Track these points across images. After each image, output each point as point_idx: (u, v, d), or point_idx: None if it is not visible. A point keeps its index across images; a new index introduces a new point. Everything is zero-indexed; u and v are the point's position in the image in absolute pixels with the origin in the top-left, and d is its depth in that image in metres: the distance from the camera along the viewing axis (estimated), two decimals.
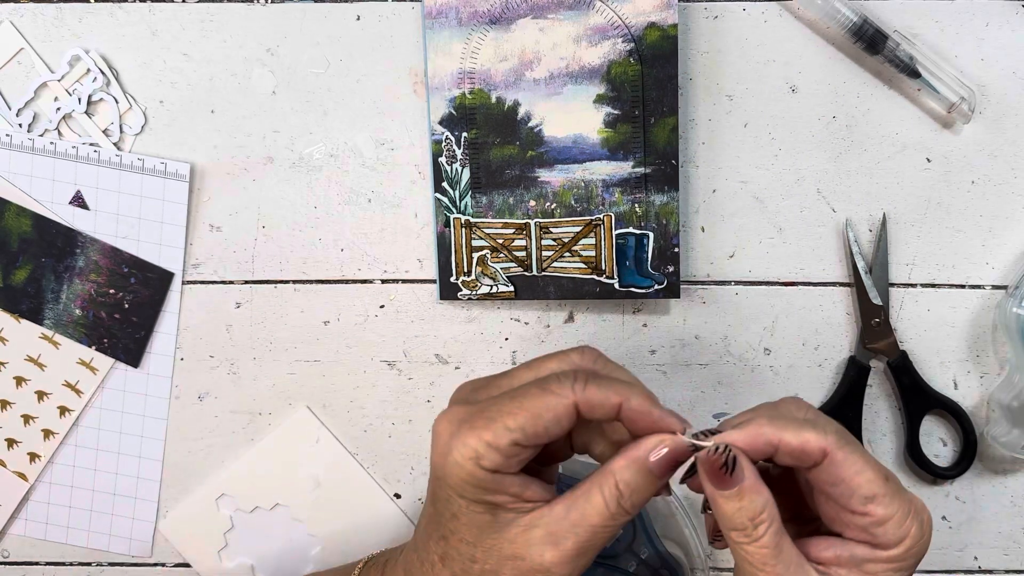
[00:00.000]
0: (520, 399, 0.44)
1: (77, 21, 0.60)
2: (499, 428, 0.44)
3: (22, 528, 0.64)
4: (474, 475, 0.44)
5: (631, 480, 0.44)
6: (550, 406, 0.44)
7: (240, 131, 0.61)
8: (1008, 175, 0.60)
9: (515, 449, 0.44)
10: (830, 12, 0.57)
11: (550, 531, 0.45)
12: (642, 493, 0.45)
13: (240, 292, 0.62)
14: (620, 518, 0.45)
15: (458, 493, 0.45)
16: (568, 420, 0.44)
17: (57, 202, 0.61)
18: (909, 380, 0.60)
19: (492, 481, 0.44)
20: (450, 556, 0.47)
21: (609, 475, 0.45)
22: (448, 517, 0.46)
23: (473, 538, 0.46)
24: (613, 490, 0.44)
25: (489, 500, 0.45)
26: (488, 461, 0.44)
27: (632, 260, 0.59)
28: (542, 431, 0.44)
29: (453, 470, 0.44)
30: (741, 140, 0.60)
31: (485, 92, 0.59)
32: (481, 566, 0.46)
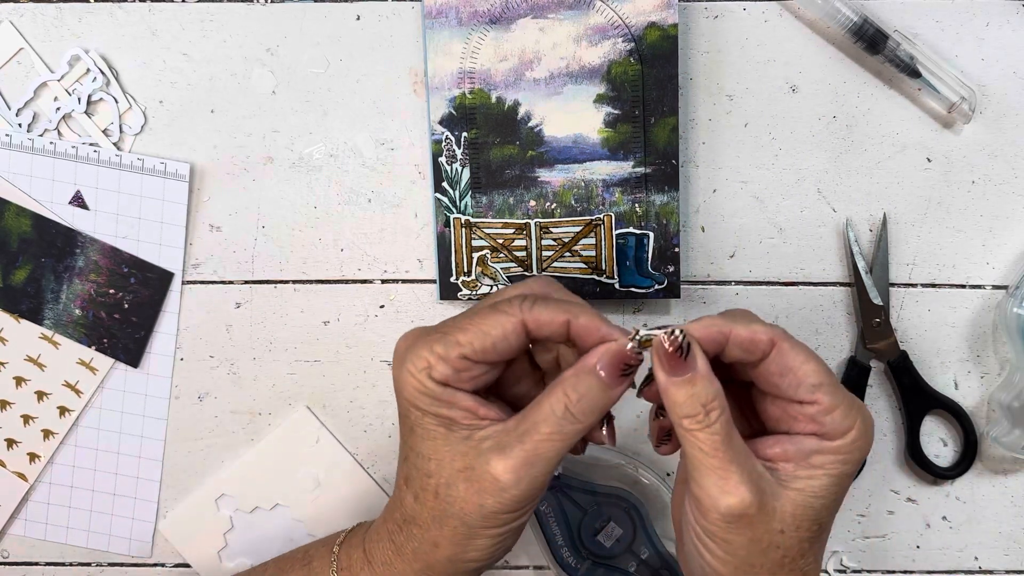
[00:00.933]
0: (471, 317, 0.46)
1: (77, 21, 0.60)
2: (449, 341, 0.45)
3: (22, 528, 0.64)
4: (425, 385, 0.46)
5: (578, 386, 0.45)
6: (498, 323, 0.46)
7: (240, 131, 0.61)
8: (1008, 175, 0.60)
9: (464, 363, 0.46)
10: (830, 12, 0.57)
11: (499, 441, 0.46)
12: (592, 400, 0.45)
13: (240, 292, 0.62)
14: (569, 425, 0.45)
15: (413, 404, 0.46)
16: (516, 338, 0.46)
17: (57, 202, 0.61)
18: (909, 380, 0.60)
19: (444, 393, 0.46)
20: (411, 476, 0.48)
21: (558, 384, 0.46)
22: (407, 432, 0.48)
23: (428, 452, 0.47)
24: (561, 396, 0.45)
25: (443, 413, 0.46)
26: (438, 372, 0.45)
27: (632, 260, 0.59)
28: (490, 347, 0.46)
29: (407, 380, 0.46)
30: (741, 140, 0.60)
31: (485, 92, 0.58)
32: (436, 480, 0.47)
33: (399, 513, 0.49)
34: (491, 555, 0.48)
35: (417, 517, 0.48)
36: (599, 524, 0.60)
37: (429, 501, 0.47)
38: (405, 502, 0.48)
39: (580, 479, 0.60)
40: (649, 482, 0.61)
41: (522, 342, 0.46)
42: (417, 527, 0.48)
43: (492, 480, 0.45)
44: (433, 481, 0.47)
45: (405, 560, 0.49)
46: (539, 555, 0.62)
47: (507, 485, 0.45)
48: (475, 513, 0.46)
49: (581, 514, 0.60)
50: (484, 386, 0.48)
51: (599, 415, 0.46)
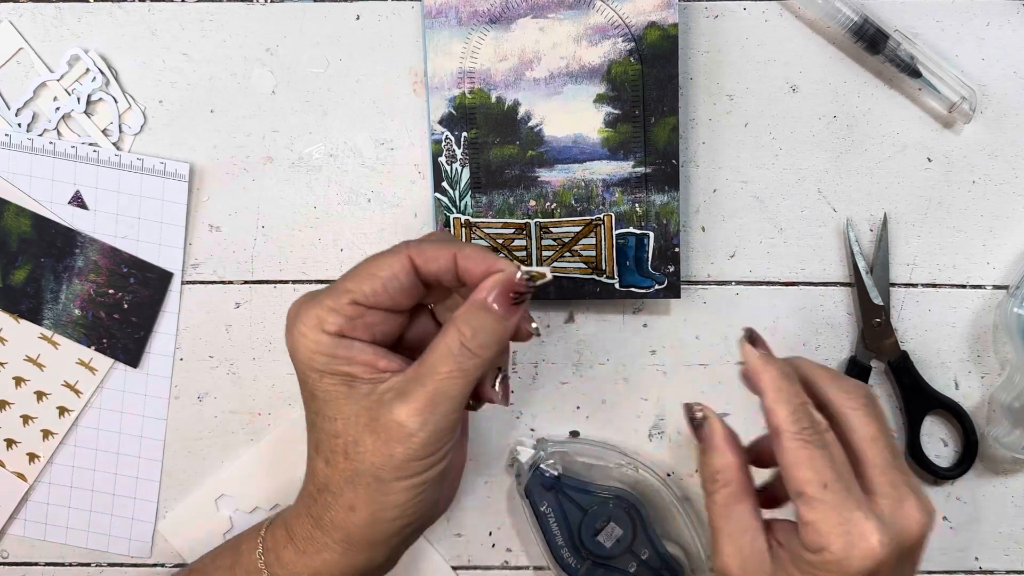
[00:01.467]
0: (359, 266, 0.47)
1: (76, 21, 0.60)
2: (338, 290, 0.46)
3: (21, 529, 0.64)
4: (319, 342, 0.45)
5: (471, 320, 0.46)
6: (385, 263, 0.46)
7: (240, 131, 0.61)
8: (1009, 175, 0.60)
9: (356, 309, 0.46)
10: (831, 12, 0.57)
11: (400, 388, 0.46)
12: (487, 333, 0.46)
13: (240, 292, 0.62)
14: (467, 360, 0.45)
15: (309, 367, 0.46)
16: (406, 275, 0.46)
17: (56, 202, 0.61)
18: (910, 380, 0.60)
19: (340, 347, 0.45)
20: (320, 442, 0.47)
21: (451, 323, 0.46)
22: (308, 399, 0.47)
23: (332, 413, 0.46)
24: (455, 334, 0.45)
25: (341, 370, 0.46)
26: (330, 324, 0.45)
27: (632, 260, 0.59)
28: (380, 288, 0.46)
29: (300, 342, 0.46)
30: (741, 140, 0.60)
31: (485, 92, 0.58)
32: (344, 440, 0.46)
33: (313, 484, 0.48)
34: (412, 512, 0.47)
35: (330, 483, 0.47)
36: (599, 524, 0.60)
37: (340, 463, 0.46)
38: (317, 470, 0.48)
39: (580, 479, 0.60)
40: (649, 482, 0.61)
41: (412, 281, 0.47)
42: (331, 494, 0.47)
43: (397, 427, 0.45)
44: (341, 441, 0.46)
45: (325, 531, 0.48)
46: (539, 555, 0.62)
47: (413, 429, 0.45)
48: (386, 465, 0.45)
49: (581, 514, 0.60)
50: (385, 338, 0.48)
51: (495, 348, 0.46)
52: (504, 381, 0.49)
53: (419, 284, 0.47)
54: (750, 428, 0.62)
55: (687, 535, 0.61)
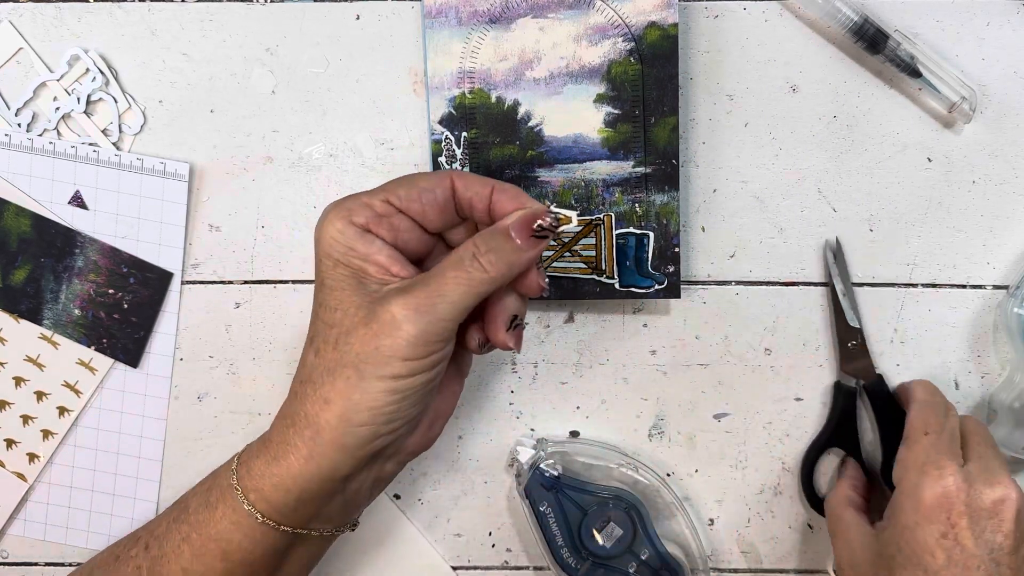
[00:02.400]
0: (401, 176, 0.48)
1: (76, 21, 0.60)
2: (375, 191, 0.47)
3: (21, 528, 0.64)
4: (343, 231, 0.46)
5: (489, 240, 0.47)
6: (426, 176, 0.48)
7: (240, 131, 0.61)
8: (1009, 175, 0.60)
9: (386, 208, 0.47)
10: (831, 11, 0.57)
11: (403, 286, 0.46)
12: (501, 254, 0.46)
13: (239, 292, 0.62)
14: (475, 272, 0.46)
15: (327, 255, 0.47)
16: (442, 192, 0.48)
17: (56, 202, 0.61)
18: (884, 403, 0.60)
19: (361, 241, 0.46)
20: (316, 332, 0.48)
21: (469, 241, 0.47)
22: (318, 288, 0.48)
23: (334, 303, 0.47)
24: (470, 247, 0.46)
25: (356, 264, 0.47)
26: (359, 215, 0.46)
27: (632, 260, 0.59)
28: (415, 195, 0.47)
29: (326, 228, 0.47)
30: (741, 140, 0.60)
31: (485, 92, 0.58)
32: (338, 331, 0.46)
33: (297, 377, 0.48)
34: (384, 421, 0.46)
35: (314, 373, 0.47)
36: (599, 524, 0.59)
37: (328, 353, 0.46)
38: (306, 360, 0.48)
39: (580, 479, 0.60)
40: (649, 482, 0.61)
41: (447, 199, 0.48)
42: (311, 384, 0.47)
43: (390, 319, 0.45)
44: (335, 332, 0.46)
45: (297, 430, 0.47)
46: (539, 555, 0.62)
47: (402, 321, 0.45)
48: (370, 357, 0.45)
49: (581, 514, 0.60)
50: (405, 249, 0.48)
51: (505, 271, 0.47)
52: (518, 327, 0.49)
53: (452, 207, 0.49)
54: (750, 427, 0.63)
55: (687, 535, 0.61)
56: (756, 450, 0.62)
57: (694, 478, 0.63)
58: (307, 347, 0.48)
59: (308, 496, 0.48)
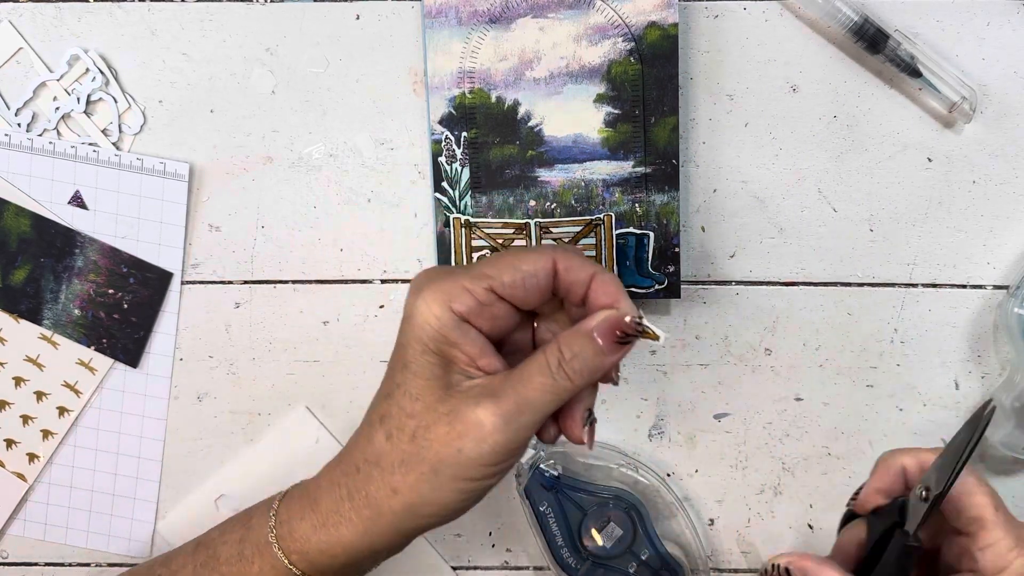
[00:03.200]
0: (502, 254, 0.46)
1: (76, 21, 0.60)
2: (477, 274, 0.44)
3: (21, 529, 0.64)
4: (440, 317, 0.44)
5: (574, 344, 0.45)
6: (529, 259, 0.45)
7: (240, 131, 0.61)
8: (1009, 175, 0.60)
9: (489, 296, 0.44)
10: (831, 11, 0.57)
11: (490, 388, 0.45)
12: (585, 360, 0.45)
13: (239, 292, 0.62)
14: (561, 382, 0.45)
15: (418, 338, 0.45)
16: (545, 276, 0.45)
17: (56, 202, 0.61)
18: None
19: (456, 330, 0.44)
20: (390, 415, 0.46)
21: (554, 342, 0.45)
22: (398, 368, 0.46)
23: (417, 390, 0.45)
24: (555, 352, 0.45)
25: (446, 352, 0.45)
26: (460, 304, 0.44)
27: (632, 260, 0.59)
28: (519, 281, 0.45)
29: (422, 310, 0.44)
30: (741, 140, 0.60)
31: (485, 92, 0.58)
32: (417, 422, 0.45)
33: (361, 453, 0.47)
34: (447, 513, 0.46)
35: (383, 458, 0.46)
36: (599, 524, 0.59)
37: (403, 443, 0.45)
38: (374, 440, 0.46)
39: (580, 479, 0.60)
40: (649, 482, 0.61)
41: (548, 284, 0.46)
42: (380, 469, 0.46)
43: (476, 423, 0.44)
44: (413, 423, 0.45)
45: (355, 506, 0.47)
46: (539, 555, 0.62)
47: (490, 431, 0.44)
48: (450, 459, 0.44)
49: (581, 514, 0.60)
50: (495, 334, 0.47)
51: (587, 378, 0.46)
52: (591, 424, 0.48)
53: (550, 289, 0.46)
54: (749, 426, 0.63)
55: (687, 535, 0.61)
56: (756, 450, 0.62)
57: (694, 478, 0.63)
58: (375, 425, 0.47)
59: (355, 561, 0.48)
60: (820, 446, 0.62)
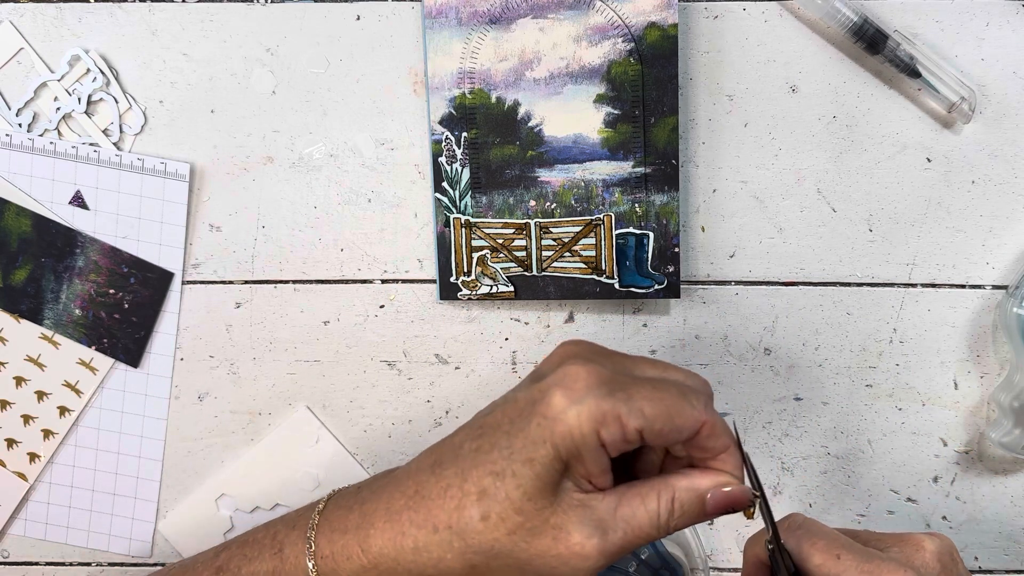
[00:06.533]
0: (662, 392, 0.44)
1: (77, 21, 0.60)
2: (635, 409, 0.43)
3: (22, 528, 0.64)
4: (585, 439, 0.43)
5: (687, 501, 0.45)
6: (685, 413, 0.44)
7: (240, 131, 0.61)
8: (1008, 175, 0.60)
9: (636, 436, 0.44)
10: (830, 12, 0.57)
11: (601, 518, 0.45)
12: (687, 519, 0.46)
13: (240, 292, 0.62)
14: (662, 532, 0.45)
15: (555, 443, 0.43)
16: (689, 433, 0.45)
17: (57, 202, 0.61)
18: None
19: (594, 453, 0.44)
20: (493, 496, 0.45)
21: (670, 488, 0.45)
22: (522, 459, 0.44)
23: (533, 491, 0.44)
24: (669, 504, 0.45)
25: (573, 465, 0.44)
26: (608, 434, 0.43)
27: (632, 260, 0.59)
28: (666, 432, 0.44)
29: (571, 422, 0.43)
30: (741, 140, 0.60)
31: (485, 92, 0.58)
32: (524, 522, 0.44)
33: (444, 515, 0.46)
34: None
35: (471, 535, 0.45)
36: None
37: (499, 532, 0.44)
38: (465, 513, 0.45)
39: None
40: None
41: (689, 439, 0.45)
42: (464, 544, 0.45)
43: (582, 556, 0.44)
44: (520, 520, 0.44)
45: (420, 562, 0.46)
46: None
47: (592, 566, 0.44)
48: (541, 570, 0.45)
49: None
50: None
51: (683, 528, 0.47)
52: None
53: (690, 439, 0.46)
54: (749, 427, 0.63)
55: (687, 535, 0.61)
56: (756, 450, 0.62)
57: None
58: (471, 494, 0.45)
59: None
60: (820, 446, 0.62)
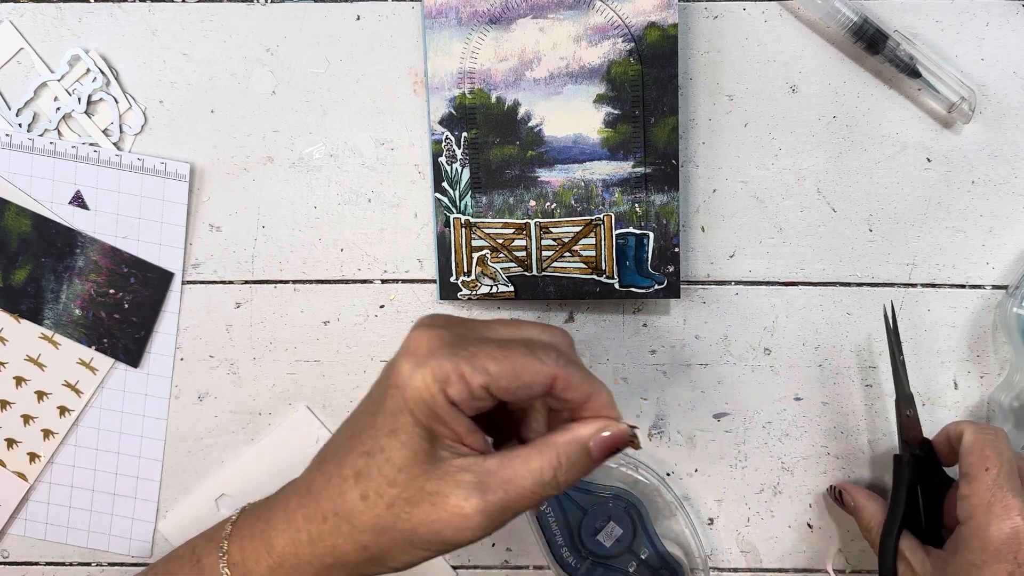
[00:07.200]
0: (508, 350, 0.45)
1: (77, 21, 0.60)
2: (478, 365, 0.44)
3: (22, 528, 0.64)
4: (434, 398, 0.44)
5: (572, 455, 0.46)
6: (532, 369, 0.45)
7: (240, 131, 0.61)
8: (1008, 175, 0.60)
9: (483, 393, 0.44)
10: (830, 12, 0.57)
11: (481, 480, 0.45)
12: (576, 470, 0.46)
13: (240, 292, 0.62)
14: (550, 489, 0.46)
15: (410, 410, 0.44)
16: (540, 389, 0.45)
17: (57, 202, 0.61)
18: (931, 470, 0.57)
19: (447, 412, 0.44)
20: (367, 475, 0.46)
21: (552, 447, 0.46)
22: (386, 432, 0.45)
23: (402, 461, 0.45)
24: (553, 460, 0.46)
25: (434, 428, 0.45)
26: (455, 391, 0.44)
27: (632, 260, 0.59)
28: (514, 388, 0.45)
29: (418, 385, 0.44)
30: (741, 140, 0.60)
31: (485, 92, 0.58)
32: (399, 492, 0.45)
33: (330, 504, 0.47)
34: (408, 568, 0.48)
35: (355, 516, 0.46)
36: (599, 524, 0.60)
37: (380, 507, 0.45)
38: (347, 496, 0.46)
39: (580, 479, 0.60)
40: (649, 482, 0.61)
41: (542, 394, 0.46)
42: (351, 526, 0.46)
43: (462, 516, 0.45)
44: (395, 492, 0.45)
45: (317, 552, 0.47)
46: (539, 555, 0.62)
47: (474, 526, 0.45)
48: (427, 535, 0.45)
49: (581, 514, 0.60)
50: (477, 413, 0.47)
51: (575, 482, 0.47)
52: None
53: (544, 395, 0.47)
54: (749, 426, 0.63)
55: (687, 534, 0.62)
56: (756, 450, 0.62)
57: (694, 478, 0.63)
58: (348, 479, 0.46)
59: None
60: (819, 446, 0.62)
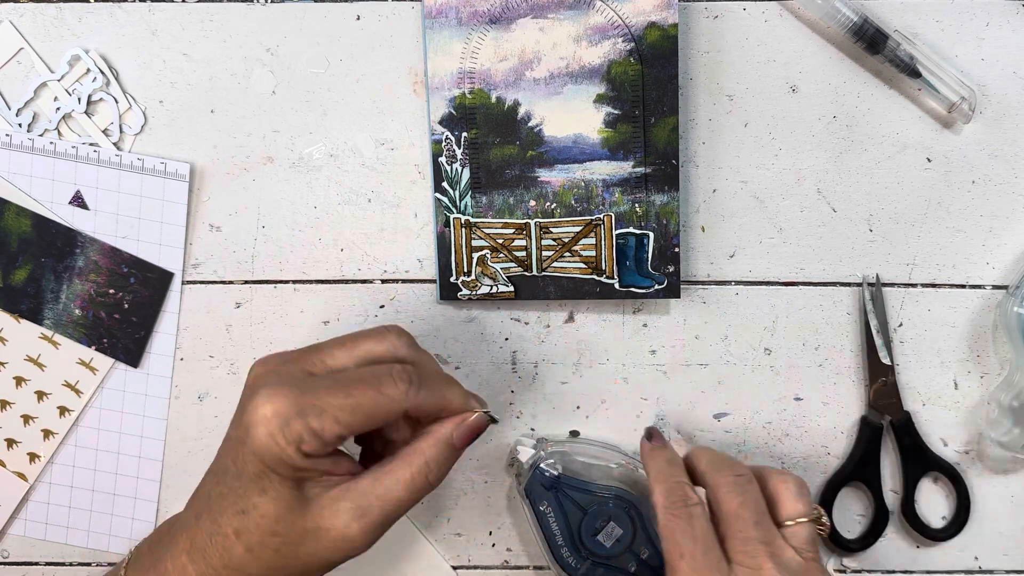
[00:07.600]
0: (352, 394, 0.46)
1: (77, 21, 0.60)
2: (328, 420, 0.45)
3: (22, 528, 0.64)
4: (292, 458, 0.45)
5: (438, 455, 0.49)
6: (382, 407, 0.46)
7: (240, 131, 0.61)
8: (1008, 175, 0.60)
9: (338, 439, 0.46)
10: (830, 12, 0.57)
11: (357, 504, 0.47)
12: (445, 466, 0.49)
13: (240, 292, 0.62)
14: (424, 492, 0.48)
15: (270, 469, 0.46)
16: (394, 418, 0.47)
17: (57, 202, 0.61)
18: (911, 441, 0.61)
19: (306, 462, 0.46)
20: (247, 530, 0.47)
21: (418, 454, 0.48)
22: (255, 492, 0.46)
23: (276, 512, 0.46)
24: (422, 467, 0.48)
25: (299, 476, 0.46)
26: (310, 447, 0.45)
27: (632, 260, 0.59)
28: (369, 425, 0.46)
29: (272, 450, 0.45)
30: (741, 140, 0.60)
31: (485, 92, 0.58)
32: (282, 539, 0.47)
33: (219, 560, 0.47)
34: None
35: (246, 567, 0.47)
36: (599, 524, 0.60)
37: (267, 556, 0.47)
38: (233, 553, 0.47)
39: (580, 479, 0.60)
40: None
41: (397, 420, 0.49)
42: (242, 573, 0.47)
43: (345, 540, 0.46)
44: (278, 540, 0.46)
45: None
46: (539, 555, 0.62)
47: (361, 544, 0.47)
48: (319, 565, 0.47)
49: (581, 514, 0.60)
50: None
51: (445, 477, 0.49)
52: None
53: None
54: (749, 426, 0.63)
55: None
56: (756, 450, 0.62)
57: None
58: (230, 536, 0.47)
59: None
60: (820, 446, 0.62)
